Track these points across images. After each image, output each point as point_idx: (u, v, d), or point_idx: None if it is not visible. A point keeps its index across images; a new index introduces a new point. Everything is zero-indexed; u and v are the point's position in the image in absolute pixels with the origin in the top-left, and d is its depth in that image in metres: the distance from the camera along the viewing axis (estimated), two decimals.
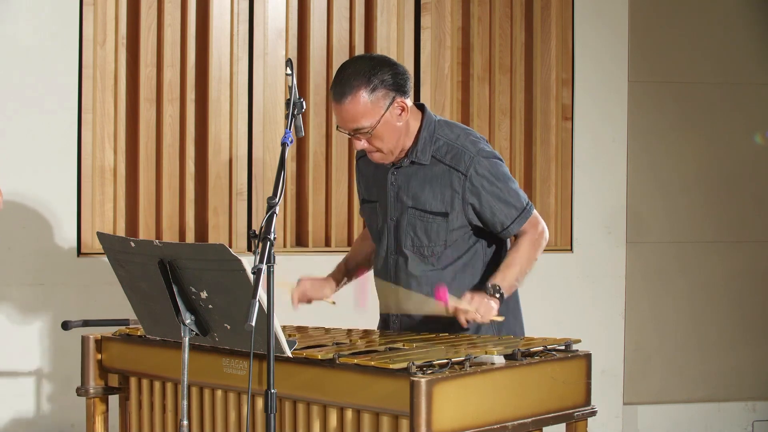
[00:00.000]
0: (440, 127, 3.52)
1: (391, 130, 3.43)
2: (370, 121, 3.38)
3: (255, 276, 2.75)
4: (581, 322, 5.36)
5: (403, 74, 3.45)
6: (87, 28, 4.85)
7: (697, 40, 5.62)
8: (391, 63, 3.45)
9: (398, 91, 3.42)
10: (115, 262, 3.15)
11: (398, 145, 3.47)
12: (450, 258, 3.50)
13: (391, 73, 3.42)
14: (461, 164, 3.45)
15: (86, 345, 3.54)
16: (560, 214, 5.44)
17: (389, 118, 3.41)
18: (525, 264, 3.48)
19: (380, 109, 3.39)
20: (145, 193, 4.95)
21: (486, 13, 5.33)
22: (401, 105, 3.43)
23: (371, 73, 3.39)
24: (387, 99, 3.40)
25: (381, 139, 3.43)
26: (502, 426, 2.93)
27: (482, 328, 3.49)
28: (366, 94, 3.37)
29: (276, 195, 2.87)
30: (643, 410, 5.60)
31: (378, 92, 3.38)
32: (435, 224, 3.47)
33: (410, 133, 3.49)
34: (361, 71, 3.40)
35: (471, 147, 3.47)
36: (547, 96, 5.42)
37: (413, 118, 3.50)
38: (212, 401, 3.22)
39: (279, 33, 5.08)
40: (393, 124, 3.42)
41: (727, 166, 5.67)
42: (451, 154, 3.47)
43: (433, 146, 3.48)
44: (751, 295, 5.71)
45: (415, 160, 3.49)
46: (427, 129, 3.50)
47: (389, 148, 3.46)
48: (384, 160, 3.51)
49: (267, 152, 5.07)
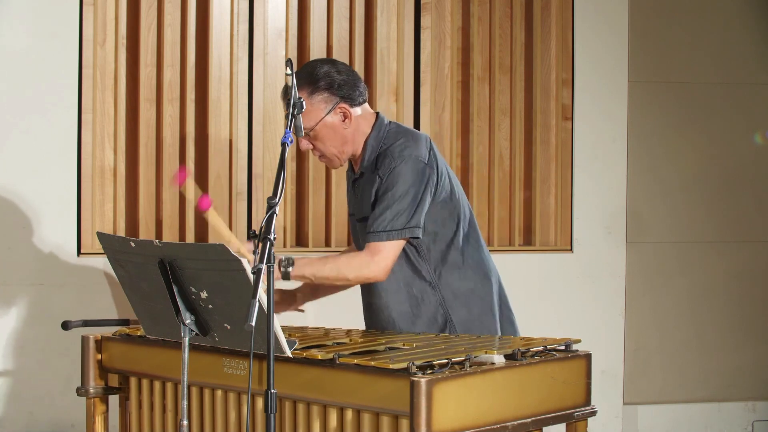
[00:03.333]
0: (388, 136, 3.51)
1: (333, 135, 3.47)
2: (309, 122, 3.44)
3: (255, 276, 2.75)
4: (581, 322, 5.36)
5: (351, 82, 3.47)
6: (87, 28, 4.85)
7: (697, 40, 5.61)
8: (340, 68, 3.48)
9: (344, 98, 3.45)
10: (115, 262, 3.15)
11: (343, 150, 3.51)
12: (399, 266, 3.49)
13: (336, 77, 3.44)
14: (382, 168, 3.45)
15: (86, 345, 3.54)
16: (560, 214, 5.44)
17: (330, 122, 3.45)
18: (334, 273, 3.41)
19: (320, 112, 3.44)
20: (145, 193, 4.95)
21: (486, 13, 5.33)
22: (344, 111, 3.46)
23: (315, 76, 3.44)
24: (329, 103, 3.44)
25: (323, 142, 3.48)
26: (502, 426, 2.93)
27: None
28: (306, 95, 3.41)
29: (276, 195, 2.87)
30: (643, 410, 5.60)
31: (318, 95, 3.44)
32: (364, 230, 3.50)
33: (360, 141, 3.52)
34: (306, 73, 3.46)
35: (397, 152, 3.43)
36: (547, 96, 5.42)
37: (366, 125, 3.52)
38: (212, 401, 3.22)
39: (279, 33, 5.08)
40: (335, 128, 3.46)
41: (727, 166, 5.67)
42: (381, 159, 3.47)
43: (377, 154, 3.49)
44: (751, 295, 5.71)
45: (363, 170, 3.53)
46: (375, 137, 3.51)
47: (332, 152, 3.51)
48: (330, 164, 3.57)
49: (267, 152, 5.07)
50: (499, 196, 5.35)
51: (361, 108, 3.51)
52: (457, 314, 3.52)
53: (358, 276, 3.42)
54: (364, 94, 3.52)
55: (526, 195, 5.43)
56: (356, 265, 3.41)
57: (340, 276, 3.42)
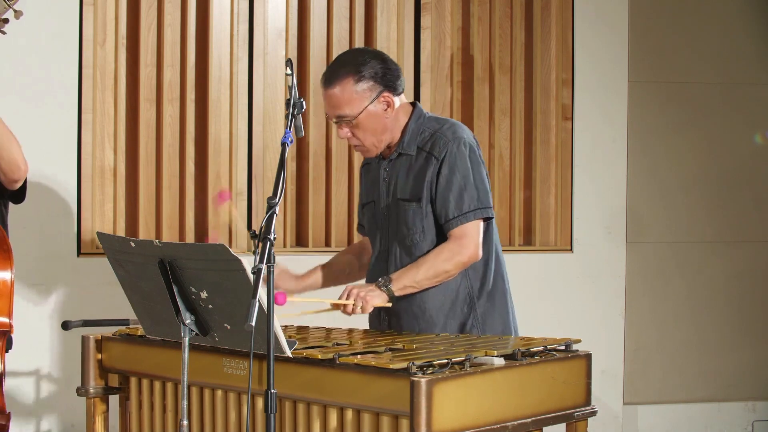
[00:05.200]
0: (428, 121, 3.56)
1: (374, 123, 3.48)
2: (353, 109, 3.45)
3: (255, 276, 2.75)
4: (581, 322, 5.36)
5: (394, 71, 3.50)
6: (87, 28, 4.85)
7: (697, 40, 5.62)
8: (383, 58, 3.51)
9: (387, 87, 3.47)
10: (115, 262, 3.15)
11: (381, 139, 3.52)
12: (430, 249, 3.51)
13: (381, 67, 3.48)
14: (436, 149, 3.48)
15: (86, 345, 3.54)
16: (560, 214, 5.44)
17: (373, 111, 3.46)
18: (432, 272, 3.43)
19: (365, 100, 3.45)
20: (145, 193, 4.95)
21: (486, 13, 5.33)
22: (387, 100, 3.48)
23: (361, 63, 3.46)
24: (373, 91, 3.46)
25: (363, 131, 3.48)
26: (502, 426, 2.93)
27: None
28: (352, 83, 3.44)
29: (276, 195, 2.87)
30: (643, 410, 5.60)
31: (364, 83, 3.45)
32: (411, 211, 3.50)
33: (398, 128, 3.54)
34: (351, 61, 3.48)
35: (450, 135, 3.49)
36: (547, 96, 5.42)
37: (403, 114, 3.55)
38: (212, 401, 3.22)
39: (279, 33, 5.08)
40: (377, 117, 3.47)
41: (727, 166, 5.67)
42: (431, 141, 3.50)
43: (419, 137, 3.52)
44: (751, 295, 5.71)
45: (402, 151, 3.53)
46: (416, 122, 3.54)
47: (371, 142, 3.51)
48: (367, 153, 3.57)
49: (267, 152, 5.07)
50: (499, 196, 5.35)
51: (400, 99, 3.54)
52: (481, 305, 3.55)
53: (456, 264, 3.44)
54: (403, 84, 3.55)
55: (526, 195, 5.43)
56: (449, 255, 3.43)
57: (440, 271, 3.43)
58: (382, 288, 3.40)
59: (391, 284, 3.41)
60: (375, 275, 3.59)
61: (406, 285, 3.43)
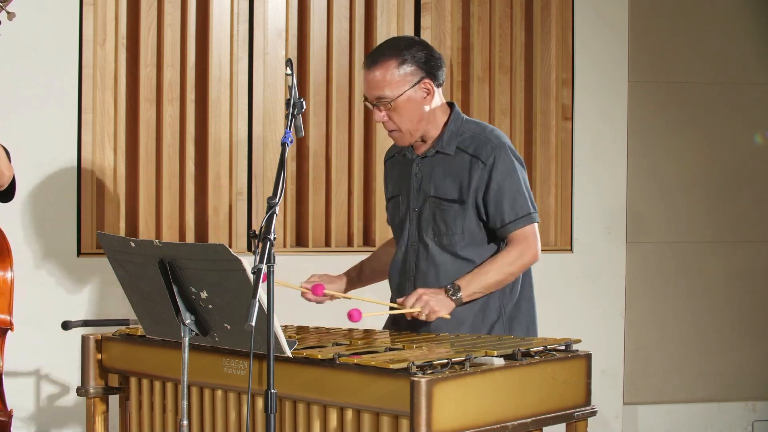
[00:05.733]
0: (467, 123, 3.59)
1: (412, 109, 3.48)
2: (393, 92, 3.45)
3: (255, 276, 2.75)
4: (581, 322, 5.36)
5: (437, 59, 3.53)
6: (87, 28, 4.85)
7: (697, 40, 5.62)
8: (428, 47, 3.54)
9: (428, 74, 3.49)
10: (115, 262, 3.15)
11: (418, 127, 3.52)
12: (469, 251, 3.52)
13: (425, 54, 3.50)
14: (483, 153, 3.50)
15: (86, 345, 3.54)
16: (560, 214, 5.44)
17: (413, 96, 3.47)
18: (499, 275, 3.47)
19: (405, 84, 3.46)
20: (145, 193, 4.95)
21: (486, 13, 5.33)
22: (427, 87, 3.49)
23: (405, 47, 3.49)
24: (415, 76, 3.47)
25: (400, 115, 3.48)
26: (502, 426, 2.93)
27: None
28: (395, 65, 3.45)
29: (276, 195, 2.87)
30: (643, 410, 5.60)
31: (407, 67, 3.46)
32: (452, 211, 3.51)
33: (436, 123, 3.55)
34: (396, 45, 3.51)
35: (495, 140, 3.52)
36: (547, 96, 5.42)
37: (441, 111, 3.57)
38: (212, 401, 3.22)
39: (279, 33, 5.08)
40: (416, 103, 3.48)
41: (727, 166, 5.67)
42: (474, 144, 3.52)
43: (459, 138, 3.54)
44: (751, 295, 5.71)
45: (441, 149, 3.55)
46: (455, 122, 3.56)
47: (407, 128, 3.50)
48: (401, 140, 3.55)
49: (267, 152, 5.07)
50: None
51: (439, 92, 3.55)
52: (508, 305, 3.57)
53: (521, 266, 3.51)
54: (444, 77, 3.56)
55: None
56: (514, 258, 3.48)
57: (507, 274, 3.48)
58: (452, 296, 3.42)
59: (460, 292, 3.42)
60: (406, 269, 3.60)
61: (474, 291, 3.45)
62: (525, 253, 3.49)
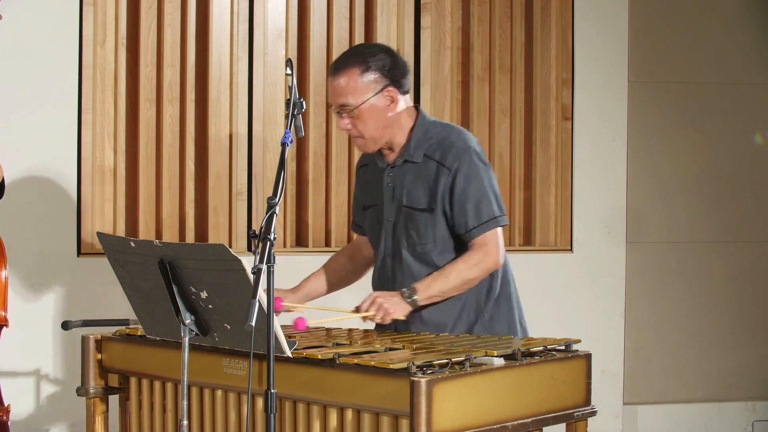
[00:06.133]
0: (434, 127, 3.56)
1: (376, 116, 3.47)
2: (357, 99, 3.44)
3: (255, 276, 2.75)
4: (581, 322, 5.36)
5: (401, 67, 3.51)
6: (87, 28, 4.85)
7: (697, 40, 5.62)
8: (393, 54, 3.53)
9: (392, 81, 3.48)
10: (115, 262, 3.15)
11: (382, 134, 3.51)
12: (445, 259, 3.51)
13: (389, 61, 3.49)
14: (447, 159, 3.47)
15: (86, 345, 3.54)
16: (560, 214, 5.44)
17: (376, 103, 3.46)
18: (457, 280, 3.45)
19: (369, 91, 3.45)
20: (145, 193, 4.95)
21: (486, 13, 5.33)
22: (391, 95, 3.48)
23: (369, 55, 3.48)
24: (378, 84, 3.46)
25: (364, 122, 3.47)
26: (502, 426, 2.93)
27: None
28: (358, 73, 3.44)
29: (276, 195, 2.87)
30: (643, 410, 5.60)
31: (370, 74, 3.46)
32: (423, 220, 3.50)
33: (401, 130, 3.53)
34: (361, 52, 3.51)
35: (461, 144, 3.49)
36: (547, 96, 5.42)
37: (407, 116, 3.54)
38: (212, 401, 3.22)
39: (279, 33, 5.08)
40: (380, 111, 3.47)
41: (727, 166, 5.67)
42: (440, 150, 3.50)
43: (426, 144, 3.51)
44: (751, 295, 5.71)
45: (408, 158, 3.53)
46: (421, 128, 3.54)
47: (371, 135, 3.50)
48: (365, 147, 3.55)
49: (267, 152, 5.07)
50: None
51: (405, 99, 3.53)
52: (488, 308, 3.56)
53: (482, 271, 3.47)
54: (409, 84, 3.55)
55: (526, 195, 5.43)
56: (474, 262, 3.45)
57: (467, 279, 3.45)
58: (407, 299, 3.41)
59: (416, 295, 3.42)
60: (384, 280, 3.60)
61: (432, 295, 3.44)
62: (485, 259, 3.45)
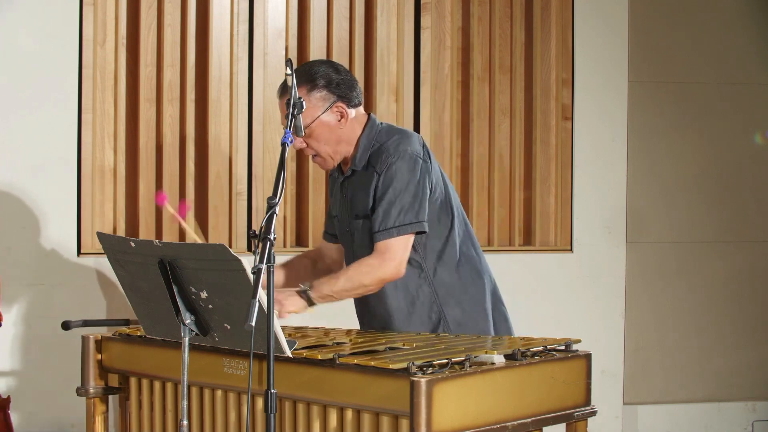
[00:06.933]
0: (380, 134, 3.52)
1: (327, 134, 3.47)
2: (306, 119, 3.42)
3: (255, 276, 2.75)
4: (581, 322, 5.36)
5: (348, 82, 3.49)
6: (87, 28, 4.85)
7: (697, 40, 5.61)
8: (337, 68, 3.50)
9: (340, 97, 3.46)
10: (115, 262, 3.15)
11: (337, 150, 3.51)
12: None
13: (335, 77, 3.46)
14: (378, 164, 3.46)
15: (86, 345, 3.54)
16: (560, 214, 5.44)
17: (326, 120, 3.46)
18: (349, 284, 3.41)
19: (318, 109, 3.45)
20: (145, 193, 4.95)
21: (486, 13, 5.33)
22: (341, 111, 3.47)
23: (314, 73, 3.46)
24: (326, 101, 3.45)
25: (317, 140, 3.48)
26: (502, 426, 2.93)
27: None
28: (305, 92, 3.42)
29: (276, 195, 2.88)
30: (643, 410, 5.60)
31: (317, 93, 3.44)
32: (367, 227, 3.49)
33: (352, 141, 3.52)
34: (306, 71, 3.47)
35: (392, 148, 3.45)
36: (547, 96, 5.42)
37: (357, 126, 3.53)
38: (212, 401, 3.22)
39: (279, 33, 5.08)
40: (330, 127, 3.46)
41: (727, 166, 5.67)
42: (376, 155, 3.48)
43: (369, 152, 3.50)
44: (751, 295, 5.71)
45: (355, 168, 3.53)
46: (368, 136, 3.52)
47: (326, 152, 3.51)
48: (324, 165, 3.56)
49: (267, 152, 5.07)
50: (499, 196, 5.35)
51: (356, 111, 3.52)
52: (450, 312, 3.53)
53: (375, 279, 3.40)
54: (360, 97, 3.54)
55: (526, 195, 5.43)
56: (368, 269, 3.40)
57: (357, 284, 3.40)
58: (301, 294, 3.40)
59: (311, 291, 3.40)
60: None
61: (324, 294, 3.41)
62: (382, 266, 3.39)
